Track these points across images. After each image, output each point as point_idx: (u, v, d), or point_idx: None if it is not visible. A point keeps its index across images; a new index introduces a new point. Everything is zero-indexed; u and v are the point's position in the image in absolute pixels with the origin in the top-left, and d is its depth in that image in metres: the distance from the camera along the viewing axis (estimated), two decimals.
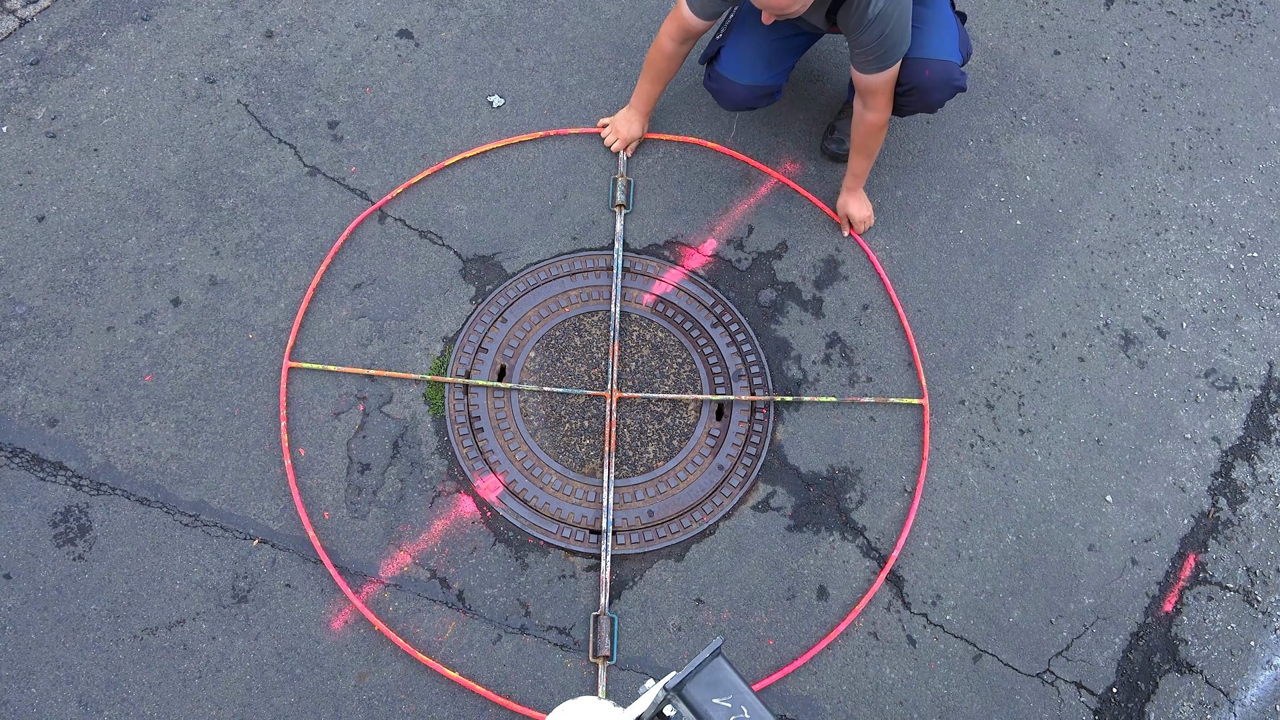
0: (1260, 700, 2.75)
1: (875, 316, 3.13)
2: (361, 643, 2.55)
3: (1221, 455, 3.05)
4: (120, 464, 2.69)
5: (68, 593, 2.54)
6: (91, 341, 2.83)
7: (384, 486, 2.74)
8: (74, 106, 3.17)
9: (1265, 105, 3.68)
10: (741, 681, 1.50)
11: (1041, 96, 3.60)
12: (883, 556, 2.79)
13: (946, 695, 2.65)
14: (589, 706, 1.46)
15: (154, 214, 3.02)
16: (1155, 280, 3.30)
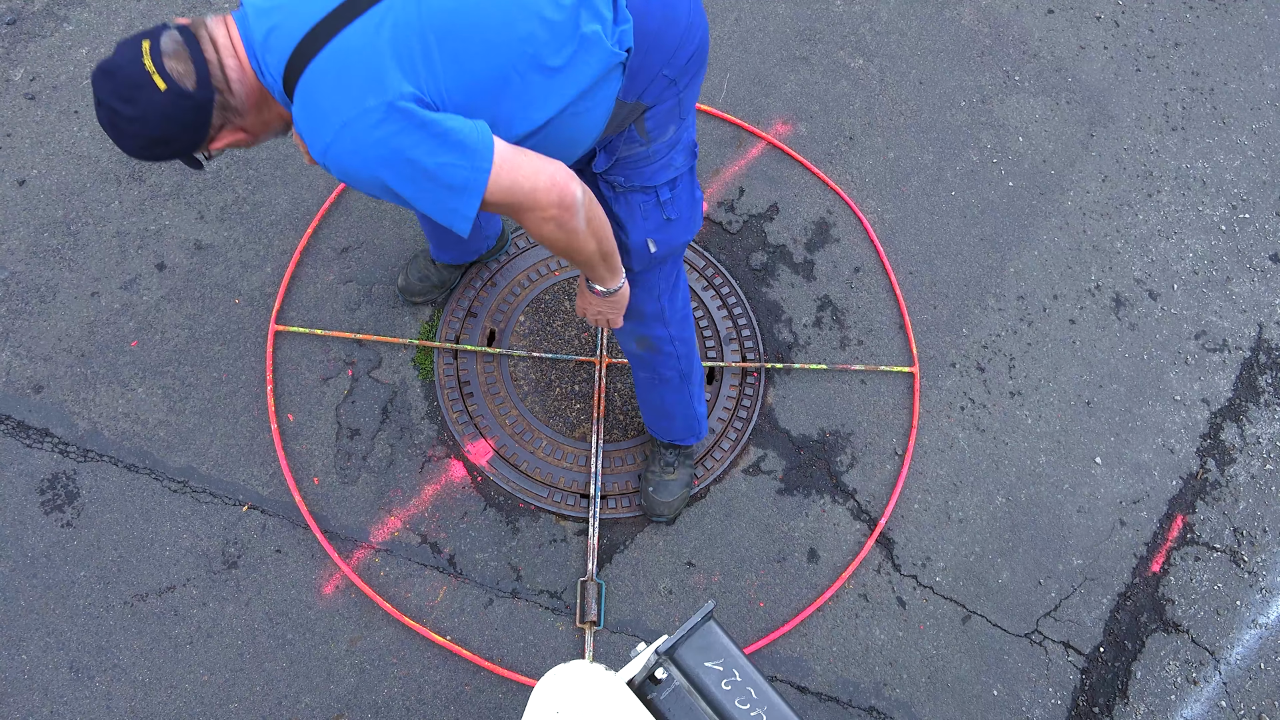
0: (1245, 659, 2.78)
1: (866, 279, 3.11)
2: (353, 607, 2.55)
3: (1210, 417, 3.06)
4: (107, 430, 2.67)
5: (56, 560, 2.53)
6: (76, 307, 2.80)
7: (374, 452, 2.73)
8: (53, 67, 3.11)
9: (1259, 65, 3.65)
10: (733, 645, 1.50)
11: (1035, 56, 3.57)
12: (873, 519, 2.80)
13: (936, 656, 2.67)
14: (580, 671, 1.46)
15: (137, 177, 2.98)
16: (1147, 242, 3.29)
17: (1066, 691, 2.68)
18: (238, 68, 1.55)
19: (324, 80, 1.50)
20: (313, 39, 1.49)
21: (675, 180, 1.97)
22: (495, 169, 1.54)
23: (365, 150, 1.49)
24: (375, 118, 1.47)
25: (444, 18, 1.51)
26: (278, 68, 1.53)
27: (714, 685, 1.47)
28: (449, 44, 1.51)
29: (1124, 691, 2.71)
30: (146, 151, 1.57)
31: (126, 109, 1.50)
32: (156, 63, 1.48)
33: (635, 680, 1.47)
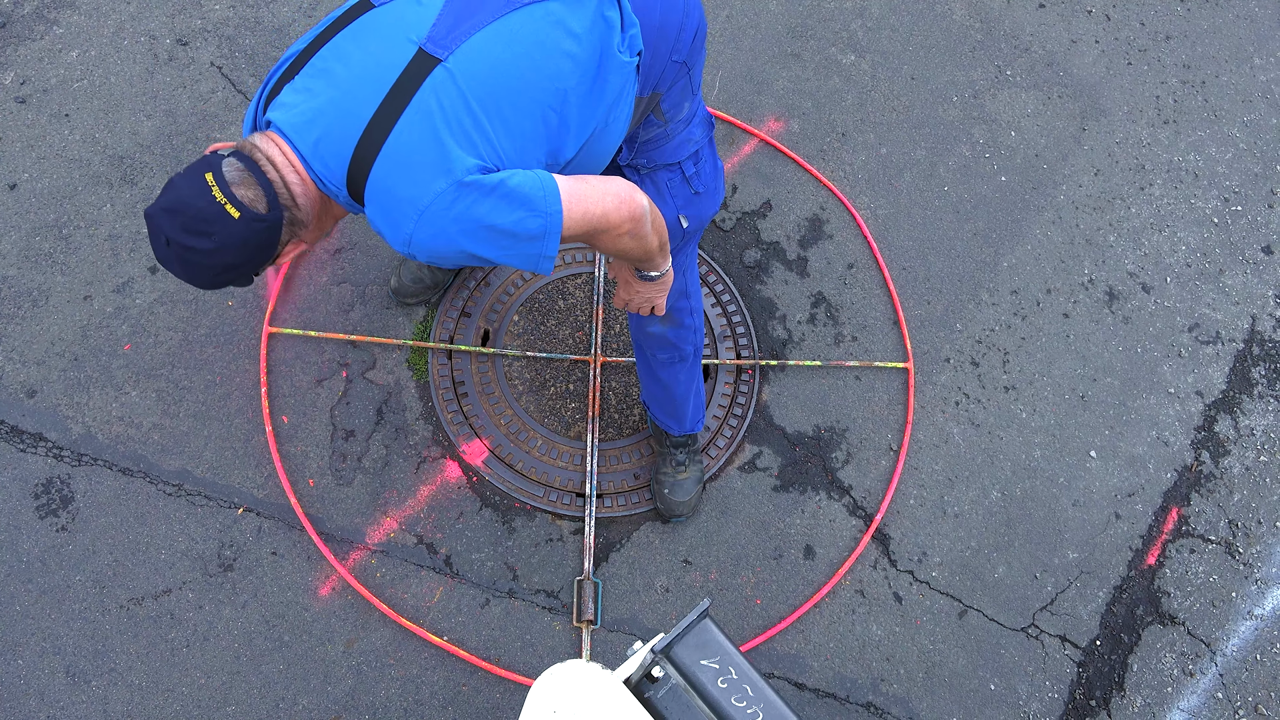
0: (1241, 650, 2.78)
1: (860, 275, 3.11)
2: (349, 609, 2.55)
3: (1204, 409, 3.07)
4: (101, 434, 2.67)
5: (52, 564, 2.53)
6: (69, 311, 2.80)
7: (369, 453, 2.72)
8: (43, 71, 3.10)
9: (1250, 57, 3.66)
10: (729, 643, 1.51)
11: (1026, 50, 3.57)
12: (869, 515, 2.80)
13: (933, 651, 2.67)
14: (577, 670, 1.46)
15: (128, 180, 2.97)
16: (1140, 235, 3.29)
17: (1063, 685, 2.69)
18: (299, 182, 1.57)
19: (392, 177, 1.53)
20: (368, 142, 1.53)
21: (697, 153, 2.04)
22: (565, 208, 1.59)
23: (446, 230, 1.54)
24: (449, 198, 1.51)
25: (483, 84, 1.56)
26: (339, 175, 1.56)
27: (711, 683, 1.47)
28: (493, 107, 1.56)
29: (1121, 684, 2.71)
30: (218, 280, 1.57)
31: (202, 242, 1.48)
32: (226, 193, 1.48)
33: (632, 679, 1.47)
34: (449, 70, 1.54)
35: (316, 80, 1.57)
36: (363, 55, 1.56)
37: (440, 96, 1.53)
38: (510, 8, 1.60)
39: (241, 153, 1.53)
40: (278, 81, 1.61)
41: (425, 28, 1.56)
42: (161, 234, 1.50)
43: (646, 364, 2.49)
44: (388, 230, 1.57)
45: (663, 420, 2.62)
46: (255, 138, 1.56)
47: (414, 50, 1.55)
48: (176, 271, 1.55)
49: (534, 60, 1.60)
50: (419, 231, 1.54)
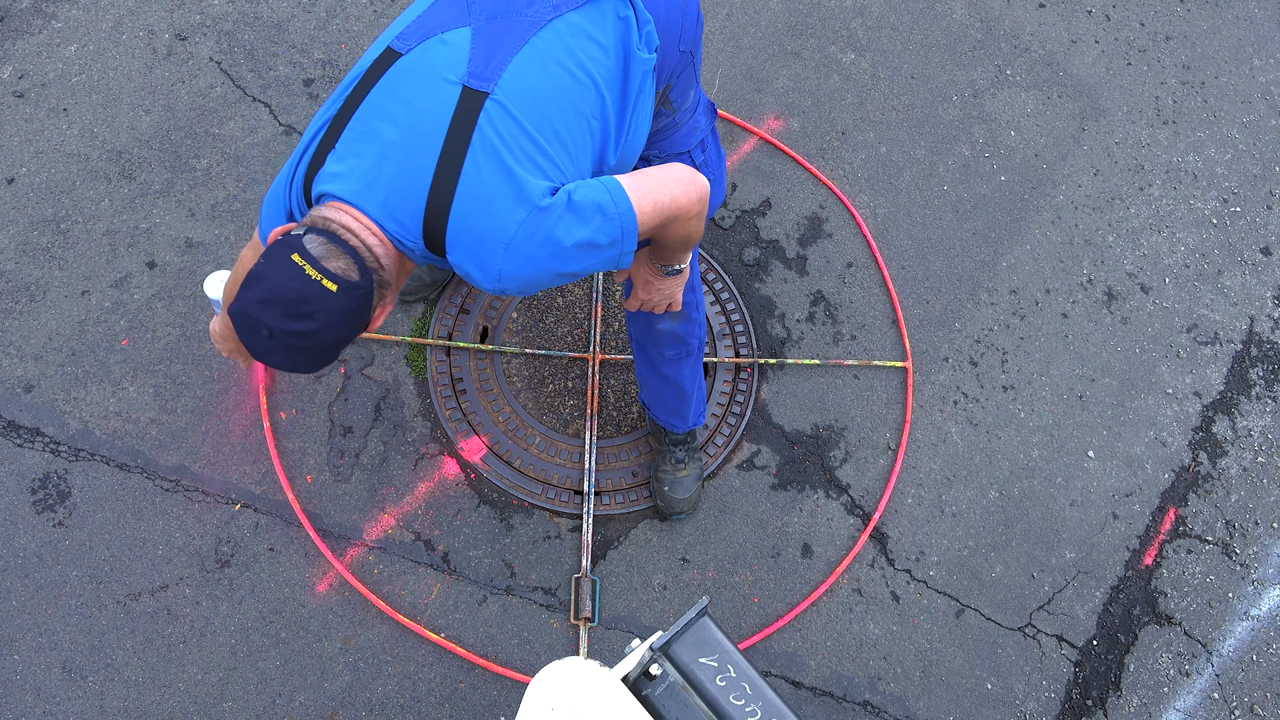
0: (1237, 651, 2.79)
1: (859, 274, 3.11)
2: (347, 605, 2.55)
3: (1202, 410, 3.07)
4: (99, 429, 2.66)
5: (48, 559, 2.52)
6: (66, 306, 2.79)
7: (367, 449, 2.72)
8: (41, 65, 3.09)
9: (1249, 58, 3.66)
10: (727, 641, 1.51)
11: (1026, 50, 3.57)
12: (867, 514, 2.80)
13: (930, 650, 2.68)
14: (575, 668, 1.46)
15: (127, 175, 2.97)
16: (1138, 235, 3.29)
17: (1060, 684, 2.69)
18: (379, 244, 1.55)
19: (471, 218, 1.54)
20: (439, 191, 1.53)
21: (704, 141, 2.07)
22: (636, 205, 1.61)
23: (534, 256, 1.55)
24: (530, 226, 1.53)
25: (533, 107, 1.57)
26: (415, 230, 1.56)
27: (709, 681, 1.47)
28: (547, 127, 1.58)
29: (1117, 684, 2.72)
30: (324, 359, 1.56)
31: (307, 324, 1.46)
32: (319, 268, 1.46)
33: (630, 677, 1.47)
34: (498, 101, 1.54)
35: (362, 143, 1.55)
36: (407, 107, 1.55)
37: (498, 128, 1.53)
38: (536, 27, 1.60)
39: (316, 228, 1.50)
40: (316, 153, 1.59)
41: (462, 65, 1.56)
42: (262, 327, 1.46)
43: (650, 363, 2.48)
44: (476, 271, 1.58)
45: (664, 419, 2.62)
46: (322, 210, 1.54)
47: (458, 89, 1.54)
48: (280, 363, 1.52)
49: (571, 74, 1.62)
50: (508, 265, 1.56)
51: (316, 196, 1.59)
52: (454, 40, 1.59)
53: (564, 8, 1.64)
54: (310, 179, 1.60)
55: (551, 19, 1.62)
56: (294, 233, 1.49)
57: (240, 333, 1.49)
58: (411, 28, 1.62)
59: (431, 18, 1.62)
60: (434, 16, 1.63)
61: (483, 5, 1.62)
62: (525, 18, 1.61)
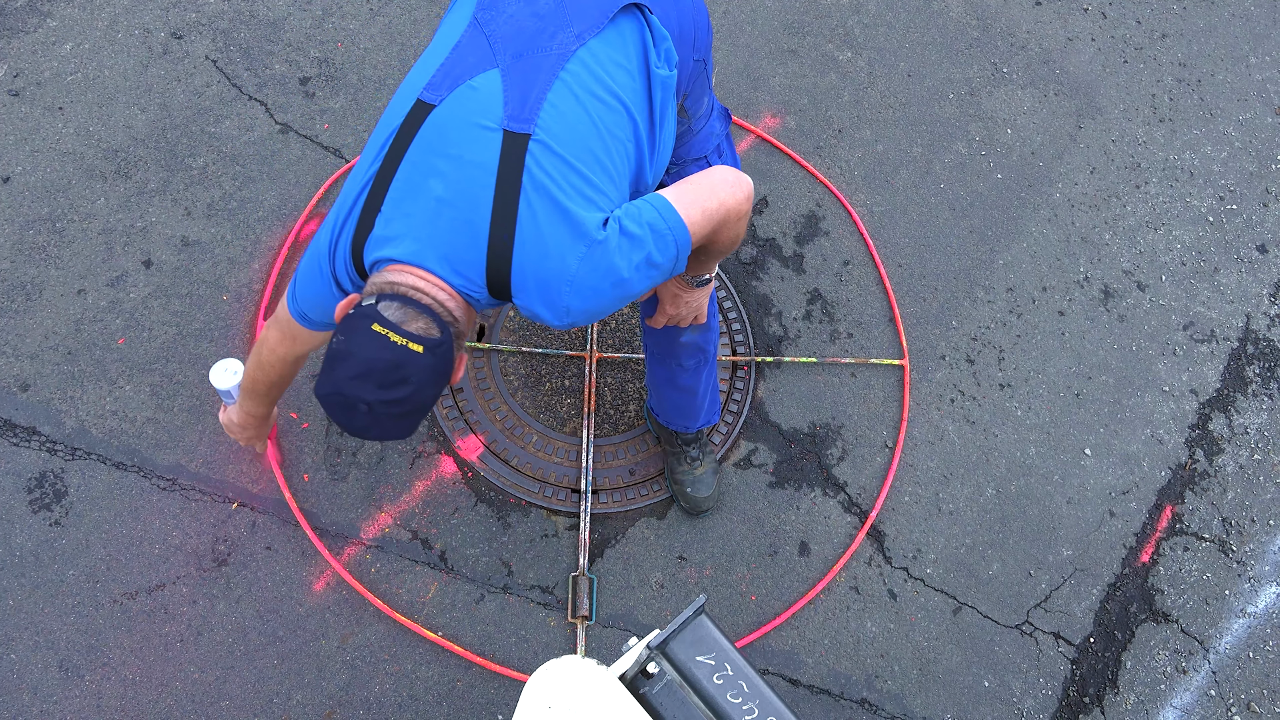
0: (1234, 648, 2.79)
1: (856, 272, 3.11)
2: (344, 604, 2.55)
3: (1199, 407, 3.07)
4: (95, 428, 2.66)
5: (45, 558, 2.52)
6: (62, 304, 2.79)
7: (364, 448, 2.72)
8: (37, 63, 3.09)
9: (1245, 56, 3.66)
10: (725, 639, 1.50)
11: (1023, 48, 3.57)
12: (864, 512, 2.81)
13: (927, 647, 2.68)
14: (572, 666, 1.45)
15: (123, 174, 2.96)
16: (1135, 233, 3.30)
17: (1057, 682, 2.69)
18: (449, 298, 1.55)
19: (534, 261, 1.54)
20: (498, 239, 1.53)
21: (720, 146, 2.07)
22: (685, 217, 1.62)
23: (598, 288, 1.56)
24: (591, 261, 1.54)
25: (574, 141, 1.57)
26: (479, 281, 1.56)
27: (706, 679, 1.47)
28: (590, 159, 1.59)
29: (1114, 681, 2.72)
30: (418, 422, 1.55)
31: (401, 390, 1.46)
32: (403, 334, 1.45)
33: (627, 675, 1.47)
34: (541, 141, 1.54)
35: (411, 202, 1.54)
36: (451, 161, 1.54)
37: (545, 168, 1.53)
38: (563, 60, 1.60)
39: (387, 294, 1.49)
40: (361, 218, 1.57)
41: (499, 109, 1.55)
42: (358, 403, 1.45)
43: (668, 375, 2.45)
44: (545, 311, 1.58)
45: (678, 422, 2.61)
46: (386, 275, 1.53)
47: (500, 135, 1.53)
48: (378, 434, 1.51)
49: (603, 102, 1.62)
50: (574, 300, 1.56)
51: (371, 263, 1.57)
52: (484, 85, 1.57)
53: (586, 35, 1.63)
54: (359, 245, 1.59)
55: (576, 49, 1.62)
56: (364, 303, 1.48)
57: (334, 413, 1.49)
58: (438, 76, 1.60)
59: (456, 64, 1.61)
60: (459, 62, 1.61)
61: (506, 44, 1.61)
62: (551, 52, 1.61)
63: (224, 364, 2.30)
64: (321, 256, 1.66)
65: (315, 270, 1.68)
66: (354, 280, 1.64)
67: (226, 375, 2.29)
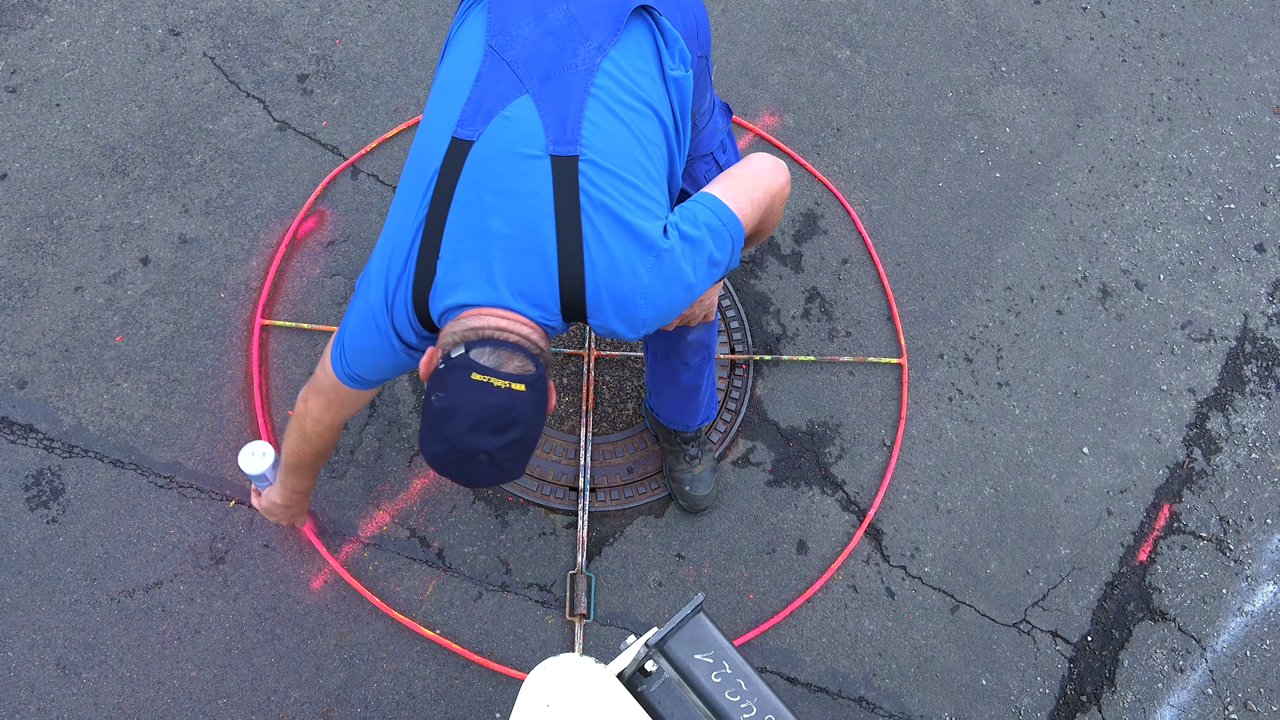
0: (1231, 646, 2.79)
1: (854, 271, 3.11)
2: (342, 602, 2.54)
3: (1197, 406, 3.08)
4: (92, 426, 2.65)
5: (42, 556, 2.51)
6: (60, 302, 2.78)
7: (361, 446, 2.72)
8: (34, 60, 3.08)
9: (1244, 55, 3.66)
10: (723, 637, 1.50)
11: (1021, 47, 3.57)
12: (862, 510, 2.81)
13: (925, 646, 2.68)
14: (570, 664, 1.45)
15: (120, 170, 2.96)
16: (1133, 232, 3.30)
17: (1055, 680, 2.70)
18: (532, 330, 1.55)
19: (607, 282, 1.55)
20: (568, 266, 1.53)
21: (724, 142, 2.08)
22: (737, 211, 1.65)
23: (670, 293, 1.58)
24: (660, 271, 1.56)
25: (618, 154, 1.57)
26: (555, 310, 1.56)
27: (704, 677, 1.47)
28: (637, 168, 1.59)
29: (1111, 680, 2.72)
30: (529, 458, 1.55)
31: (515, 432, 1.46)
32: (503, 376, 1.45)
33: (625, 673, 1.47)
34: (589, 160, 1.54)
35: (470, 244, 1.53)
36: (504, 196, 1.53)
37: (600, 185, 1.53)
38: (590, 76, 1.60)
39: (474, 341, 1.48)
40: (419, 269, 1.55)
41: (540, 135, 1.54)
42: (478, 454, 1.45)
43: (671, 374, 2.45)
44: (622, 327, 1.59)
45: (678, 421, 2.61)
46: (466, 321, 1.52)
47: (547, 161, 1.53)
48: (495, 480, 1.51)
49: (635, 110, 1.63)
50: (648, 311, 1.58)
51: (442, 311, 1.55)
52: (519, 114, 1.56)
53: (606, 46, 1.63)
54: (422, 296, 1.57)
55: (600, 62, 1.61)
56: (452, 355, 1.47)
57: (452, 469, 1.48)
58: (469, 111, 1.58)
59: (484, 95, 1.59)
60: (486, 93, 1.59)
61: (530, 68, 1.60)
62: (577, 69, 1.60)
63: (251, 448, 2.17)
64: (376, 314, 1.62)
65: (369, 328, 1.65)
66: (418, 331, 1.62)
67: (257, 459, 2.16)
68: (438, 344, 1.54)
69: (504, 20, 1.65)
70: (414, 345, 1.65)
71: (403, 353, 1.66)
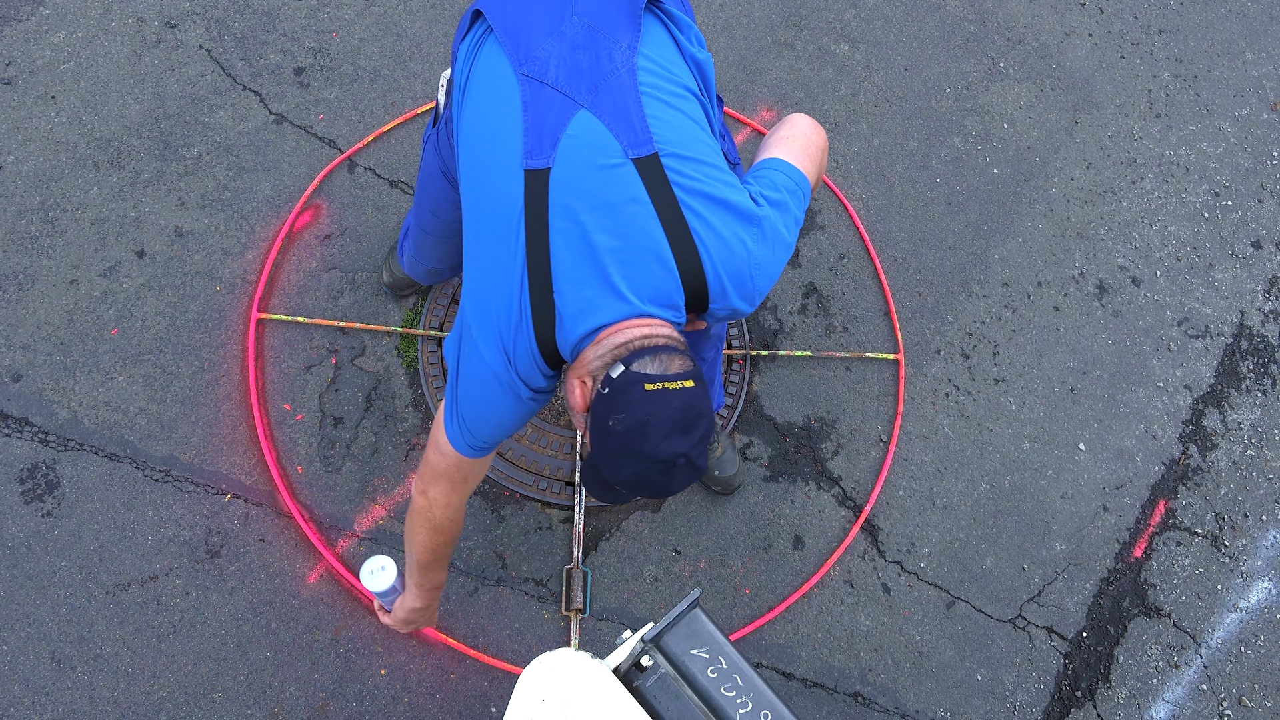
0: (1226, 642, 2.80)
1: (851, 266, 3.11)
2: (338, 596, 2.54)
3: (1193, 403, 3.08)
4: (88, 419, 2.65)
5: (37, 549, 2.51)
6: (55, 295, 2.77)
7: (358, 440, 2.71)
8: (29, 52, 3.07)
9: (1242, 52, 3.66)
10: (719, 632, 1.50)
11: (1019, 43, 3.56)
12: (858, 506, 2.81)
13: (920, 641, 2.68)
14: (566, 659, 1.45)
15: (116, 163, 2.95)
16: (1130, 229, 3.30)
17: (1050, 676, 2.70)
18: (671, 330, 1.55)
19: (724, 263, 1.56)
20: (685, 263, 1.54)
21: (721, 130, 2.12)
22: (804, 171, 1.73)
23: (777, 259, 1.63)
24: (764, 238, 1.60)
25: (687, 140, 1.60)
26: (680, 305, 1.57)
27: (700, 673, 1.47)
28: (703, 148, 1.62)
29: (1106, 675, 2.73)
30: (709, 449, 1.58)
31: (702, 426, 1.47)
32: (672, 378, 1.45)
33: (621, 668, 1.47)
34: (668, 153, 1.56)
35: (584, 268, 1.52)
36: (603, 211, 1.53)
37: (686, 173, 1.56)
38: (632, 75, 1.61)
39: (629, 356, 1.48)
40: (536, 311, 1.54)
41: (613, 144, 1.55)
42: (675, 460, 1.44)
43: None
44: (742, 304, 1.61)
45: None
46: (609, 340, 1.51)
47: (630, 166, 1.54)
48: (693, 479, 1.51)
49: (680, 95, 1.66)
50: (762, 281, 1.61)
51: (578, 339, 1.54)
52: (583, 129, 1.56)
53: (634, 44, 1.64)
54: (548, 336, 1.55)
55: (635, 60, 1.63)
56: (613, 376, 1.46)
57: (652, 483, 1.47)
58: (531, 142, 1.56)
59: (540, 122, 1.57)
60: (541, 119, 1.58)
61: (575, 85, 1.59)
62: (619, 73, 1.61)
63: (370, 566, 2.01)
64: (496, 373, 1.59)
65: (491, 390, 1.62)
66: (545, 373, 1.61)
67: (382, 576, 2.01)
68: (581, 373, 1.53)
69: (525, 47, 1.64)
70: (542, 389, 1.64)
71: (529, 401, 1.64)
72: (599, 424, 1.46)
